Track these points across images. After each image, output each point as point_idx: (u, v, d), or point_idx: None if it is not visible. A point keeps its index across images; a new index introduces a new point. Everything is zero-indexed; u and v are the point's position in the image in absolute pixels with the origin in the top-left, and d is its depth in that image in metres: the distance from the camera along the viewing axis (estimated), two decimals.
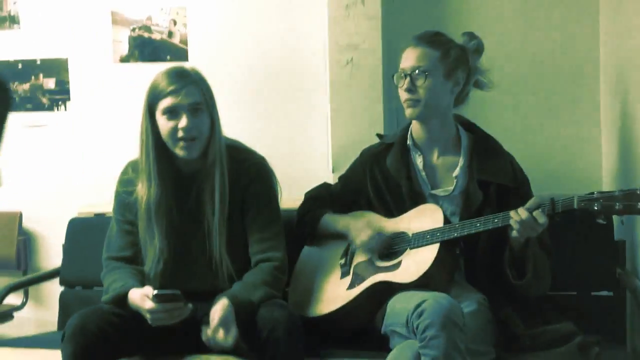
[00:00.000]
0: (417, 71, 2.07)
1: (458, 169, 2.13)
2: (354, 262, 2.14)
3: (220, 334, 1.89)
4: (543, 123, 2.71)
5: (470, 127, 2.22)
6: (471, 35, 2.16)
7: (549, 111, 2.71)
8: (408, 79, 2.09)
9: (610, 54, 2.57)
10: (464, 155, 2.14)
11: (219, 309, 1.92)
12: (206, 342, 1.92)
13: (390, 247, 2.10)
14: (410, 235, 2.06)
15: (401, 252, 2.05)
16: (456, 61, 2.09)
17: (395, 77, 2.13)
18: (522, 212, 1.88)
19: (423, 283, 1.92)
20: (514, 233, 1.91)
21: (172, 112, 2.01)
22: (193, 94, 2.02)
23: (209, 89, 2.08)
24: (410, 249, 2.03)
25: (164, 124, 2.02)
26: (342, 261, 2.18)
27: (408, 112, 2.13)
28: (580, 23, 2.67)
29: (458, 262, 2.06)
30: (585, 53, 2.67)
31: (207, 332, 1.91)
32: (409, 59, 2.10)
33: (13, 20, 3.01)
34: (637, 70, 2.23)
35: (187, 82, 2.02)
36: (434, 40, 2.10)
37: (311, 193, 2.36)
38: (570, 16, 2.67)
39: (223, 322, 1.90)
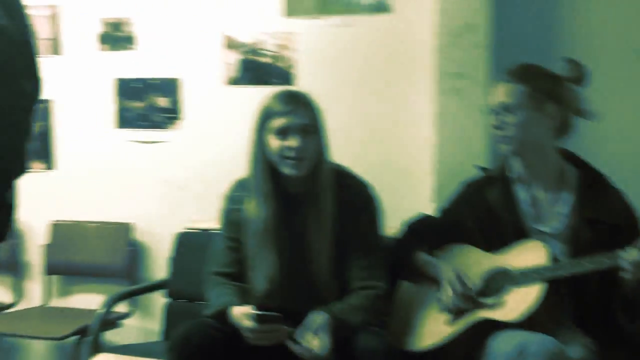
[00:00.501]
0: (504, 108, 2.05)
1: (564, 205, 2.07)
2: None
3: (315, 341, 1.92)
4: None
5: (577, 161, 2.15)
6: (573, 63, 2.09)
7: None
8: (497, 115, 2.06)
9: None
10: (570, 190, 2.08)
11: (316, 318, 1.95)
12: (297, 350, 1.94)
13: (492, 284, 2.07)
14: (514, 272, 2.01)
15: (504, 290, 2.00)
16: (547, 94, 2.03)
17: (488, 113, 2.12)
18: (633, 252, 1.81)
19: (527, 323, 1.88)
20: (626, 274, 1.83)
21: (283, 132, 2.07)
22: (304, 116, 2.07)
23: (319, 112, 2.13)
24: (514, 286, 1.99)
25: (274, 143, 2.08)
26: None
27: (501, 148, 2.10)
28: None
29: (565, 304, 1.99)
30: None
31: (301, 340, 1.93)
32: (498, 95, 2.07)
33: (131, 41, 3.18)
34: None
35: (298, 104, 2.08)
36: (523, 74, 2.05)
37: (410, 224, 2.33)
38: None
39: (318, 331, 1.93)
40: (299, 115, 2.06)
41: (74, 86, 3.23)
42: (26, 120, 1.57)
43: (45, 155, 3.26)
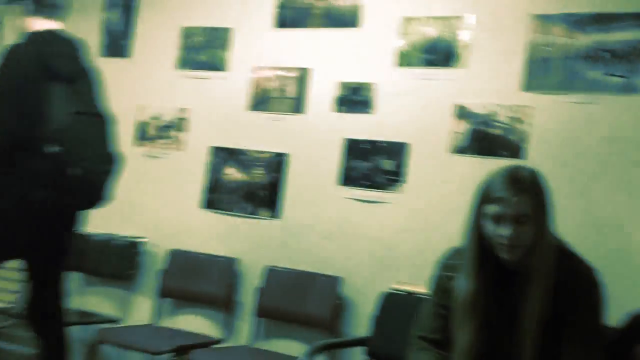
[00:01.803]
0: None
1: None
2: None
3: None
4: None
5: None
6: None
7: None
8: None
9: None
10: None
11: None
12: None
13: None
14: None
15: None
16: None
17: None
18: None
19: None
20: None
21: (497, 219, 2.01)
22: (522, 206, 1.96)
23: (542, 197, 2.00)
24: None
25: (489, 226, 2.02)
26: None
27: None
28: None
29: None
30: None
31: None
32: None
33: (369, 105, 3.31)
34: None
35: (519, 192, 1.96)
36: None
37: (635, 316, 2.12)
38: None
39: None
40: (516, 204, 1.95)
41: (308, 143, 3.45)
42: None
43: (272, 205, 3.49)
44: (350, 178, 3.32)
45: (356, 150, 3.31)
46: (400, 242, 3.13)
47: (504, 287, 2.06)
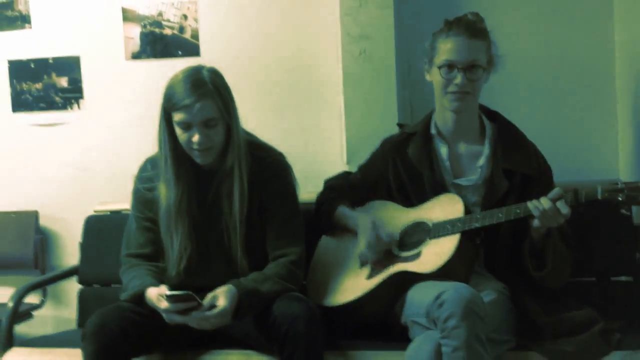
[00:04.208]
0: (474, 65, 2.04)
1: (483, 158, 2.11)
2: None
3: (204, 309, 1.88)
4: (559, 112, 2.68)
5: (493, 116, 2.20)
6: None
7: (565, 99, 2.68)
8: (462, 73, 2.04)
9: (627, 42, 2.54)
10: (489, 144, 2.12)
11: (220, 289, 1.92)
12: (189, 322, 1.90)
13: (409, 237, 2.09)
14: (431, 225, 2.04)
15: (421, 242, 2.03)
16: (490, 49, 2.08)
17: (441, 70, 2.06)
18: (544, 202, 1.86)
19: (443, 273, 1.91)
20: (536, 223, 1.89)
21: (186, 126, 2.01)
22: (207, 109, 1.99)
23: (225, 94, 2.04)
24: (430, 239, 2.02)
25: (179, 133, 2.03)
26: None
27: (455, 105, 2.07)
28: (597, 14, 2.64)
29: (478, 252, 2.04)
30: (601, 40, 2.65)
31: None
32: (462, 52, 2.03)
33: (25, 19, 3.01)
34: None
35: (201, 95, 1.98)
36: (482, 30, 2.06)
37: (330, 182, 2.34)
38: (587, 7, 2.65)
39: (213, 299, 1.90)
40: (201, 109, 1.98)
41: None
42: None
43: None
44: (23, 103, 3.03)
45: (22, 71, 3.00)
46: (91, 161, 2.99)
47: (205, 188, 2.11)
